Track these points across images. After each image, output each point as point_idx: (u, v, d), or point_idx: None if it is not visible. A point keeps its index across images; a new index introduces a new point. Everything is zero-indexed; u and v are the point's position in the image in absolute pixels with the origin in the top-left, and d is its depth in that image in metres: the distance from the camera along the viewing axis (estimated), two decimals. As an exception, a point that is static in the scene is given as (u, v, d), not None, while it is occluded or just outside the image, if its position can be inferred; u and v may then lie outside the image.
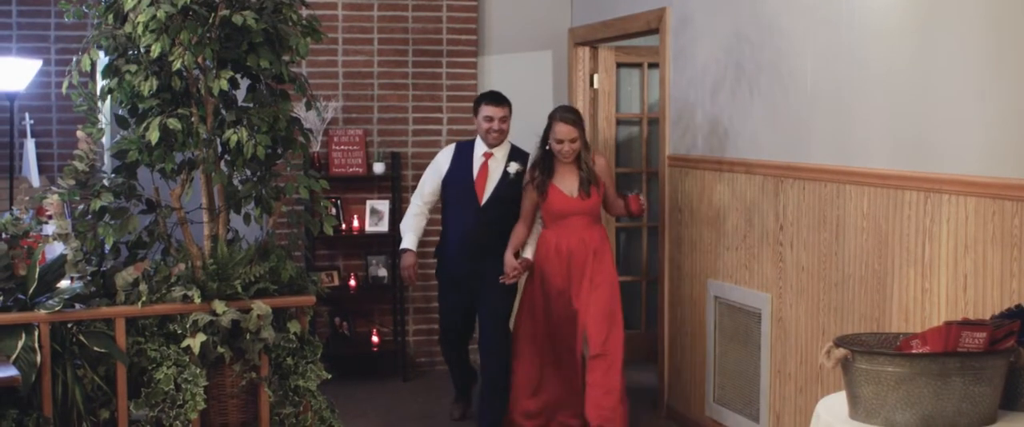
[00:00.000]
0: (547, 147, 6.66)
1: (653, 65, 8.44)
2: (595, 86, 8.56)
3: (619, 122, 8.73)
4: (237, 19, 5.27)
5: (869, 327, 5.17)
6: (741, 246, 6.27)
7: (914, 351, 3.71)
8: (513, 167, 6.92)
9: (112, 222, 5.46)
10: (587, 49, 8.52)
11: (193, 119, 5.44)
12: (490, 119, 6.88)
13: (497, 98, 6.95)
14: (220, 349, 5.40)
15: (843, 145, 5.38)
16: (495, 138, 6.93)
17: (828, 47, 5.47)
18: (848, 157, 5.34)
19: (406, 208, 7.33)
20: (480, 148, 6.99)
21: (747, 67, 6.17)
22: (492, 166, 6.97)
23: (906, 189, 4.91)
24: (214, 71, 5.40)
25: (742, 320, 6.31)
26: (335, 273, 8.28)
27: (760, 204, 6.07)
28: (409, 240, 7.08)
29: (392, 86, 8.42)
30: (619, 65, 8.71)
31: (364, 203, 8.32)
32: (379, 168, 8.26)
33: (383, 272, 8.37)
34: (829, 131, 5.48)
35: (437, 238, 7.35)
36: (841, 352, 3.72)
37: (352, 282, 8.25)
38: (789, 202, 5.81)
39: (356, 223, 8.27)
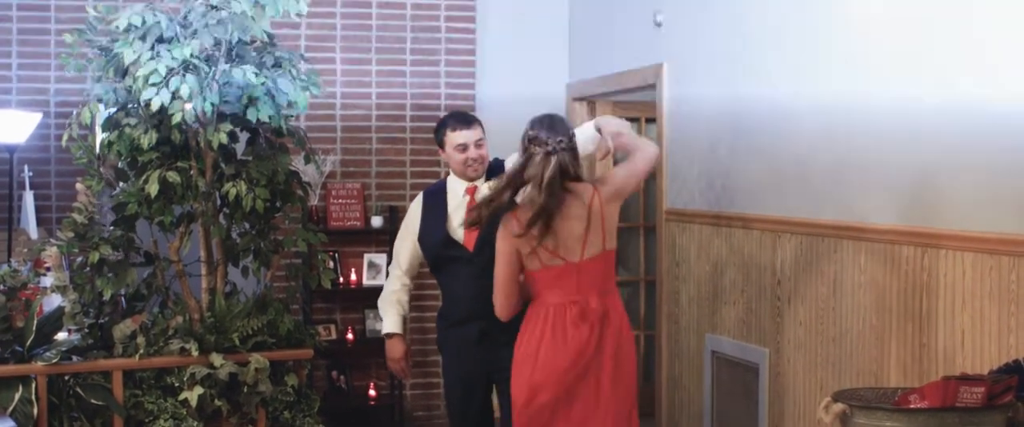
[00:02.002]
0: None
1: (650, 120, 8.46)
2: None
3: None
4: (237, 73, 5.31)
5: (867, 382, 5.16)
6: (739, 301, 6.27)
7: (912, 406, 3.71)
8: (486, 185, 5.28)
9: (110, 274, 5.47)
10: (585, 104, 8.55)
11: (192, 172, 5.46)
12: (464, 147, 5.37)
13: (464, 119, 5.48)
14: (217, 402, 5.39)
15: (840, 200, 5.39)
16: (475, 169, 5.40)
17: (824, 102, 5.49)
18: (845, 212, 5.35)
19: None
20: (458, 186, 5.45)
21: (744, 122, 6.20)
22: None
23: (903, 244, 4.92)
24: (214, 125, 5.43)
25: (740, 375, 6.30)
26: (333, 326, 8.27)
27: (758, 258, 6.07)
28: (391, 322, 5.58)
29: (390, 140, 8.44)
30: (616, 120, 8.72)
31: (362, 256, 8.33)
32: (377, 222, 8.27)
33: (379, 326, 8.34)
34: (826, 186, 5.50)
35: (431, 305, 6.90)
36: (839, 407, 3.72)
37: (350, 335, 8.24)
38: (787, 257, 5.82)
39: (354, 276, 8.27)
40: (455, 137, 5.36)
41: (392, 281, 5.59)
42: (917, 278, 4.85)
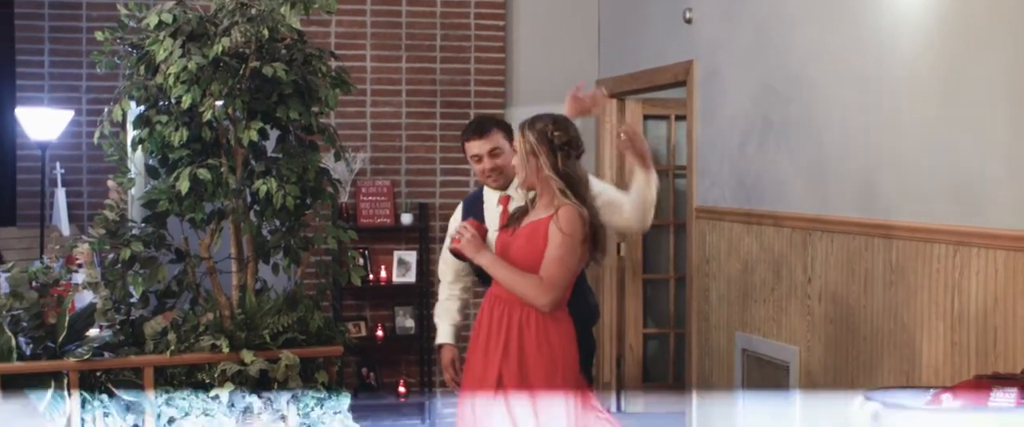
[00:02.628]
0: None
1: (680, 117, 8.45)
2: (623, 138, 8.55)
3: (646, 174, 8.72)
4: (267, 70, 5.31)
5: (898, 381, 5.13)
6: (769, 299, 6.25)
7: (945, 405, 3.69)
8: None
9: (141, 271, 5.49)
10: (614, 101, 8.53)
11: (223, 169, 5.47)
12: (478, 158, 5.18)
13: (478, 127, 5.24)
14: (248, 399, 5.40)
15: (872, 198, 5.37)
16: (495, 179, 5.19)
17: (856, 99, 5.47)
18: (876, 210, 5.33)
19: (434, 258, 7.29)
20: (491, 194, 5.28)
21: (775, 119, 6.17)
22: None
23: (935, 242, 4.90)
24: (244, 122, 5.44)
25: (770, 373, 6.28)
26: (363, 323, 8.29)
27: (788, 256, 6.05)
28: (444, 332, 5.51)
29: (420, 137, 8.45)
30: (646, 117, 8.72)
31: (392, 254, 8.34)
32: (407, 219, 8.28)
33: (410, 323, 8.37)
34: (857, 183, 5.48)
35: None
36: (872, 406, 3.70)
37: (379, 332, 8.25)
38: (817, 255, 5.79)
39: (384, 274, 8.28)
40: (469, 147, 5.24)
41: (441, 290, 5.62)
42: (949, 276, 4.82)
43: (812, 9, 5.86)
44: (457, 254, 4.82)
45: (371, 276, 8.26)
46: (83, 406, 5.27)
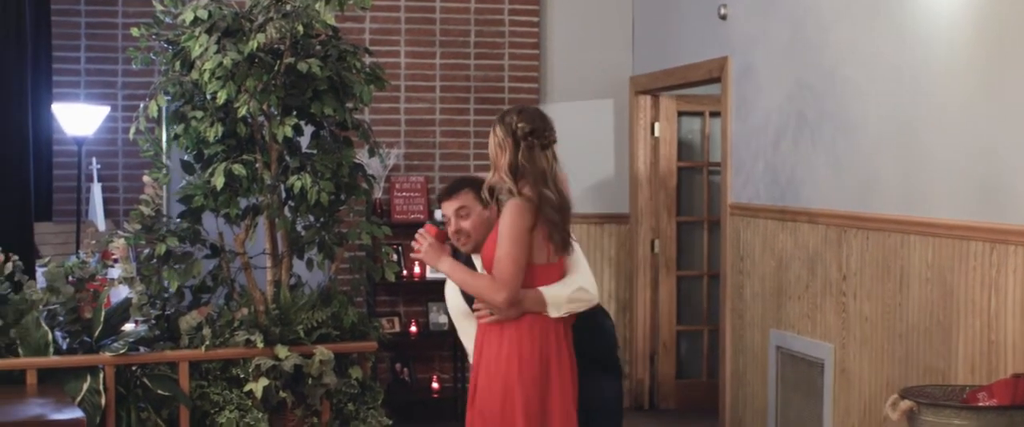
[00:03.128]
0: None
1: (715, 113, 8.42)
2: (656, 134, 8.55)
3: (680, 171, 8.71)
4: (302, 67, 5.34)
5: (934, 379, 5.10)
6: (804, 296, 6.23)
7: (981, 404, 3.67)
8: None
9: (177, 266, 5.52)
10: (648, 97, 8.51)
11: (258, 165, 5.50)
12: (447, 219, 4.71)
13: (449, 188, 4.82)
14: (282, 394, 5.43)
15: (908, 195, 5.34)
16: (462, 242, 4.63)
17: (893, 96, 5.44)
18: (913, 207, 5.30)
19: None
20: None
21: (810, 116, 6.15)
22: None
23: (972, 239, 4.87)
24: (279, 118, 5.46)
25: (804, 370, 6.26)
26: (396, 319, 8.30)
27: (823, 254, 6.03)
28: None
29: (454, 133, 8.46)
30: (680, 113, 8.69)
31: (425, 249, 8.34)
32: (440, 215, 8.27)
33: (444, 319, 8.36)
34: (893, 181, 5.45)
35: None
36: (907, 404, 3.68)
37: (413, 328, 8.26)
38: (852, 252, 5.77)
39: (417, 270, 8.29)
40: (442, 208, 4.78)
41: None
42: (986, 274, 4.79)
43: (848, 5, 5.83)
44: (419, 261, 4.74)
45: (405, 272, 8.26)
46: (118, 400, 5.31)
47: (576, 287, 4.36)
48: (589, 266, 4.50)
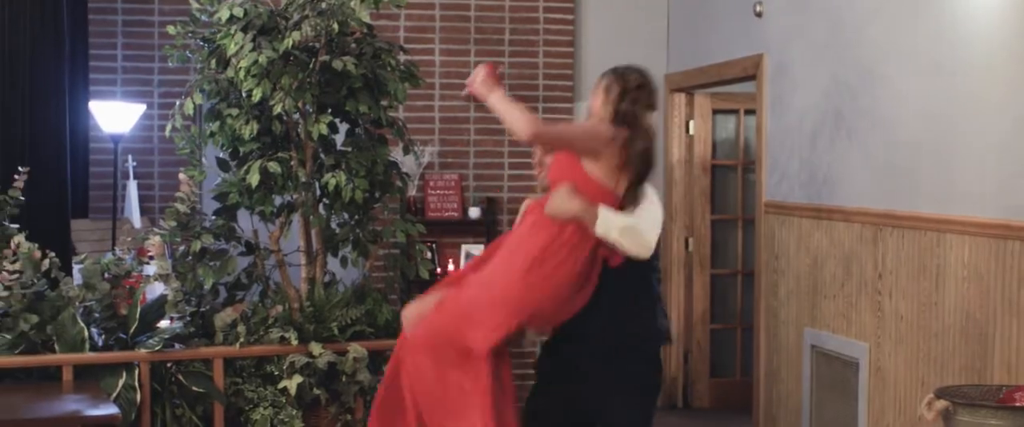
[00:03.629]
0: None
1: (750, 111, 8.39)
2: (691, 132, 8.53)
3: (715, 168, 8.69)
4: (337, 65, 5.35)
5: (970, 379, 5.07)
6: (838, 294, 6.20)
7: (1018, 404, 3.64)
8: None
9: (212, 263, 5.54)
10: (683, 95, 8.50)
11: (292, 163, 5.51)
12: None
13: None
14: (316, 391, 5.44)
15: (944, 193, 5.31)
16: (540, 173, 4.63)
17: (929, 92, 5.41)
18: (949, 205, 5.26)
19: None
20: None
21: (846, 113, 6.12)
22: None
23: (1008, 238, 4.83)
24: (314, 116, 5.47)
25: (839, 370, 6.23)
26: (430, 316, 8.30)
27: (858, 252, 6.00)
28: None
29: (488, 131, 8.46)
30: (715, 111, 8.67)
31: (459, 247, 8.35)
32: (474, 212, 8.29)
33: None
34: (930, 179, 5.41)
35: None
36: (942, 404, 3.66)
37: (446, 326, 8.26)
38: (888, 250, 5.73)
39: (451, 267, 8.30)
40: None
41: None
42: (1022, 273, 4.75)
43: (885, 2, 5.80)
44: (473, 98, 4.56)
45: (439, 269, 8.27)
46: (153, 396, 5.34)
47: (633, 223, 4.25)
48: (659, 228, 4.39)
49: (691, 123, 8.53)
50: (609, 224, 4.20)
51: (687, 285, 8.52)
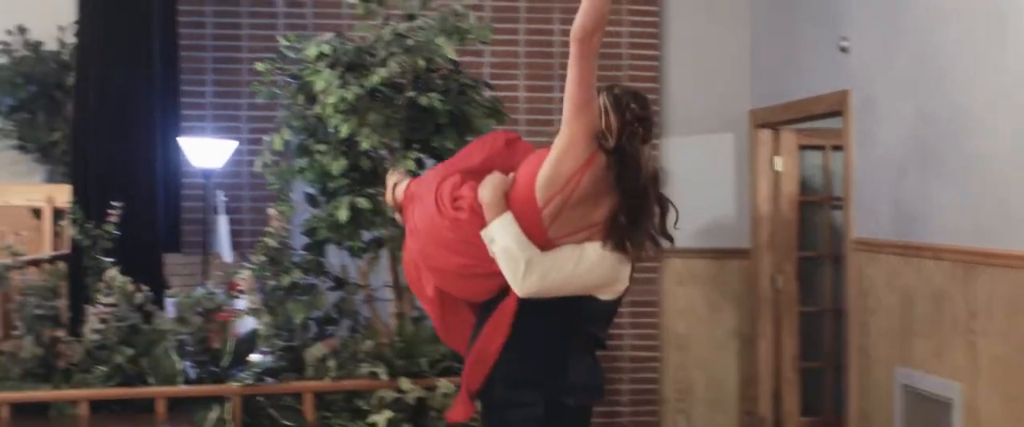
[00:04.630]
0: None
1: (837, 147, 8.33)
2: (777, 169, 8.48)
3: (802, 205, 8.63)
4: (423, 101, 5.38)
5: (1068, 419, 4.98)
6: (930, 333, 6.11)
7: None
8: None
9: (301, 298, 5.59)
10: (768, 131, 8.45)
11: (380, 198, 5.54)
12: None
13: None
14: (405, 426, 5.45)
15: (1039, 230, 5.23)
16: None
17: (1022, 127, 5.33)
18: (1045, 242, 5.18)
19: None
20: None
21: (934, 148, 6.05)
22: None
23: (1107, 276, 4.75)
24: (401, 152, 5.51)
25: (932, 410, 6.13)
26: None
27: (949, 290, 5.91)
28: None
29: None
30: (801, 147, 8.62)
31: (545, 283, 8.33)
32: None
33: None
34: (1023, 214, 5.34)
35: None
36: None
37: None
38: (981, 289, 5.65)
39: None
40: None
41: None
42: (1123, 312, 4.67)
43: (974, 36, 5.73)
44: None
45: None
46: (245, 429, 5.38)
47: (522, 252, 3.67)
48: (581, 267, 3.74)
49: (777, 159, 8.47)
50: (494, 233, 3.71)
51: (776, 323, 8.44)
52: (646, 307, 8.47)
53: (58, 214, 6.87)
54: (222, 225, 7.60)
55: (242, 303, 5.67)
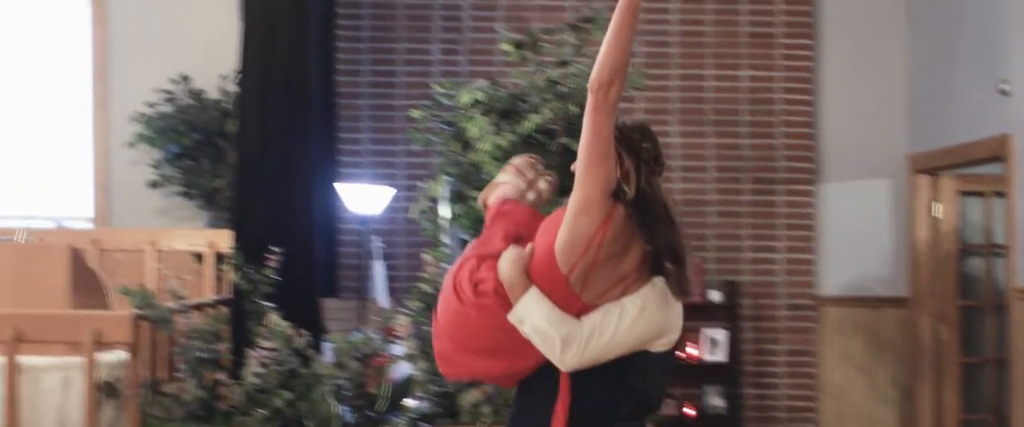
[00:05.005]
0: None
1: (999, 193, 8.12)
2: (936, 215, 8.29)
3: (963, 253, 8.42)
4: (576, 147, 5.39)
5: None
6: (1101, 384, 5.91)
7: None
8: None
9: (456, 344, 5.61)
10: (927, 177, 8.28)
11: (535, 245, 5.55)
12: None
13: None
14: (556, 472, 5.43)
15: None
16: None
17: None
18: None
19: (744, 337, 7.19)
20: None
21: (1105, 194, 5.87)
22: None
23: None
24: (556, 197, 5.52)
25: (1102, 463, 5.93)
26: (671, 401, 8.23)
27: (1122, 339, 5.72)
28: None
29: (727, 213, 8.39)
30: (961, 193, 8.42)
31: (700, 331, 8.26)
32: (715, 296, 8.20)
33: (719, 402, 8.25)
34: None
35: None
36: None
37: (689, 410, 8.17)
38: None
39: (693, 351, 8.21)
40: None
41: None
42: None
43: None
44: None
45: (680, 353, 8.19)
46: (398, 473, 5.42)
47: (557, 330, 3.41)
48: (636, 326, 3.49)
49: (936, 205, 8.29)
50: (522, 314, 3.45)
51: (937, 374, 8.24)
52: (802, 356, 8.34)
53: (219, 259, 7.02)
54: (378, 270, 7.69)
55: (398, 348, 5.73)
